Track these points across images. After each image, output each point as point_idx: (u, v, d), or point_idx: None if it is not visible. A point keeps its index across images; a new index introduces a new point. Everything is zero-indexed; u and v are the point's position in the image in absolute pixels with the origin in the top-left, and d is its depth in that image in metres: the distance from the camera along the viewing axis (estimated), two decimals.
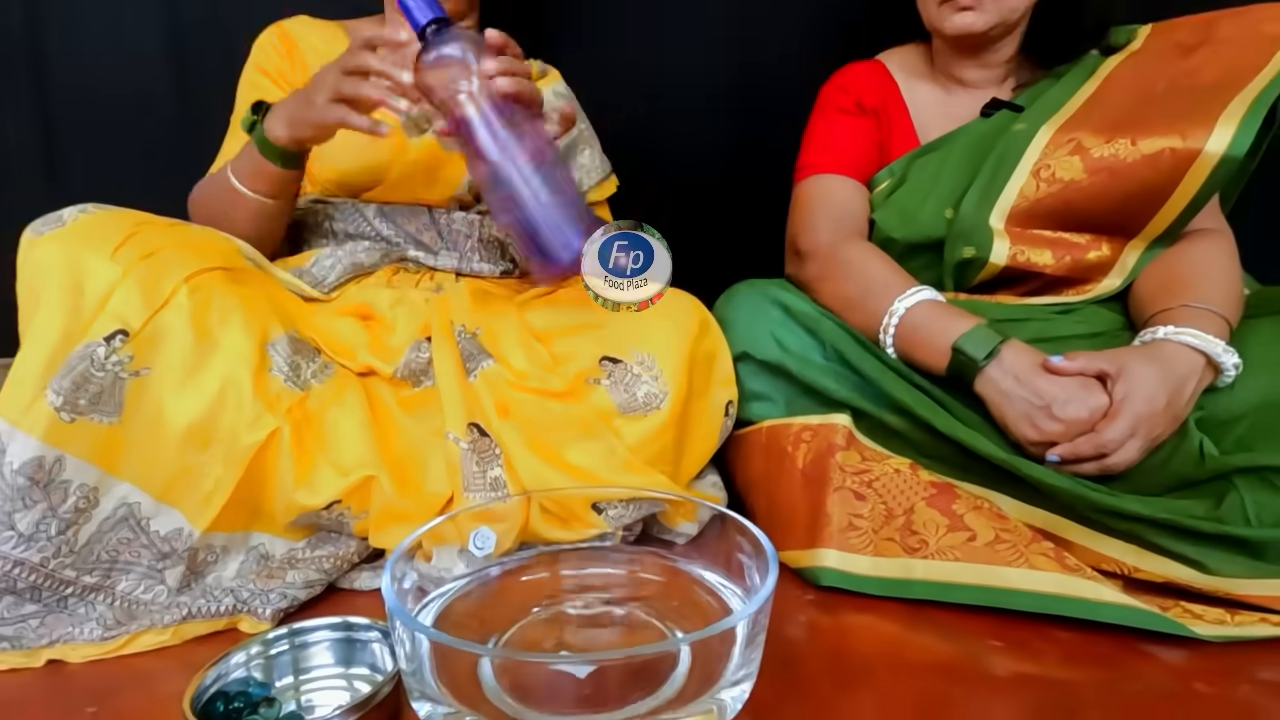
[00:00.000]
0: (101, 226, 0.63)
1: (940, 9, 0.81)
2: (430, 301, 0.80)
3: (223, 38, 1.08)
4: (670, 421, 0.70)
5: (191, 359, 0.62)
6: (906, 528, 0.67)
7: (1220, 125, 0.69)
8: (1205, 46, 0.77)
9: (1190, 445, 0.65)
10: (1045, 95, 0.83)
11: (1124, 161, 0.73)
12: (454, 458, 0.68)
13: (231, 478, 0.62)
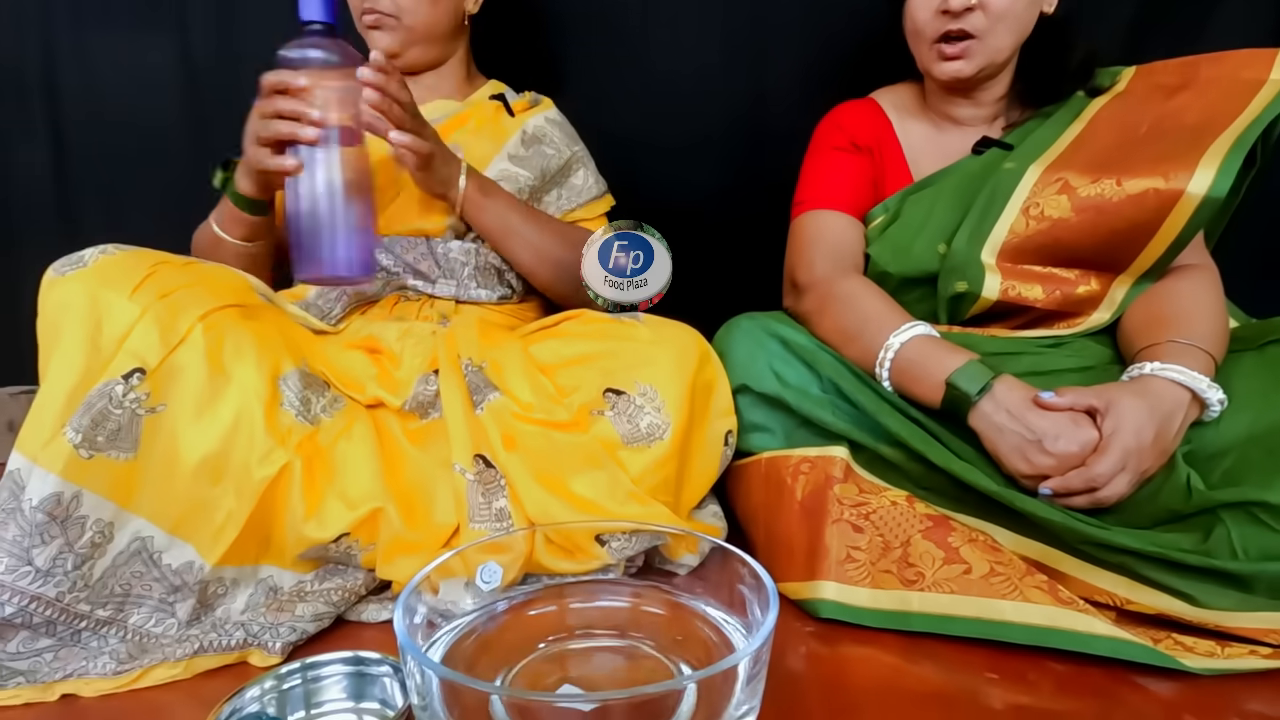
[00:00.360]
0: (121, 267, 0.65)
1: (931, 52, 0.84)
2: (437, 334, 0.82)
3: (234, 70, 1.11)
4: (672, 452, 0.72)
5: (206, 394, 0.64)
6: (904, 560, 0.68)
7: (1201, 167, 0.72)
8: (1187, 90, 0.80)
9: (1178, 479, 0.67)
10: (1034, 134, 0.86)
11: (1110, 201, 0.76)
12: (460, 489, 0.69)
13: (243, 511, 0.64)
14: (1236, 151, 0.71)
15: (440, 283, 0.90)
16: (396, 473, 0.71)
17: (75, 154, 1.15)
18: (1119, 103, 0.84)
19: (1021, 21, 0.81)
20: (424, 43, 0.92)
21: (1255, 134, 0.72)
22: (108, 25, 1.13)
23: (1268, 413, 0.68)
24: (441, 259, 0.89)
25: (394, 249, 0.88)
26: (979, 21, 0.80)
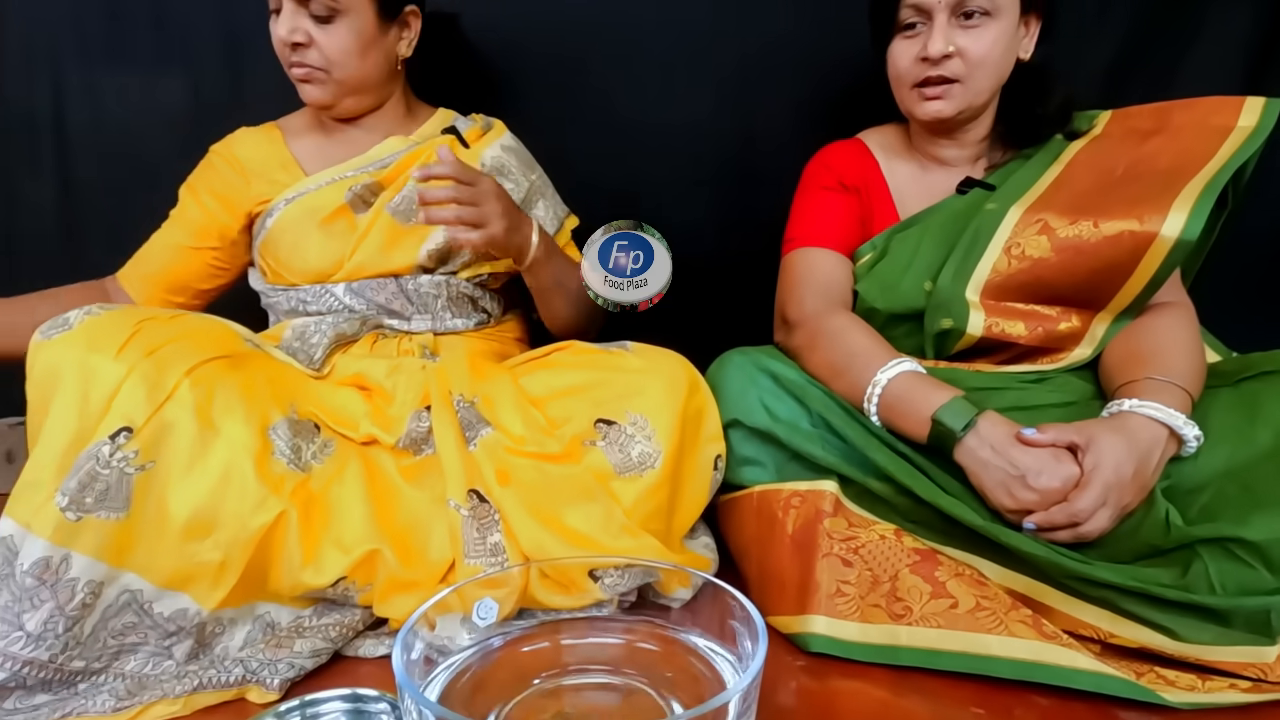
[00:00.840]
0: (106, 327, 0.66)
1: (912, 95, 0.87)
2: (427, 369, 0.83)
3: (241, 111, 1.13)
4: (664, 479, 0.73)
5: (195, 449, 0.64)
6: (892, 594, 0.69)
7: (1174, 211, 0.75)
8: (1160, 134, 0.83)
9: (1157, 514, 0.69)
10: (1015, 176, 0.89)
11: (1088, 242, 0.78)
12: (455, 524, 0.70)
13: (240, 561, 0.64)
14: (1207, 196, 0.74)
15: (416, 319, 0.91)
16: (390, 512, 0.71)
17: (81, 190, 1.17)
18: (1096, 146, 0.88)
19: (999, 67, 0.85)
20: (357, 93, 0.91)
21: (1224, 179, 0.75)
22: (117, 65, 1.15)
23: (1243, 449, 0.70)
24: (414, 295, 0.90)
25: (364, 293, 0.89)
26: (957, 68, 0.83)
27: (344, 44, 0.86)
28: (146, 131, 1.16)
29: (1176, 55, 1.12)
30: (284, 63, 0.88)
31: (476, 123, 1.00)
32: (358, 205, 0.89)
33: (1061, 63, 1.13)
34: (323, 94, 0.88)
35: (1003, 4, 0.82)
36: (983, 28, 0.82)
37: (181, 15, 1.12)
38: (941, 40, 0.82)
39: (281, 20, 0.84)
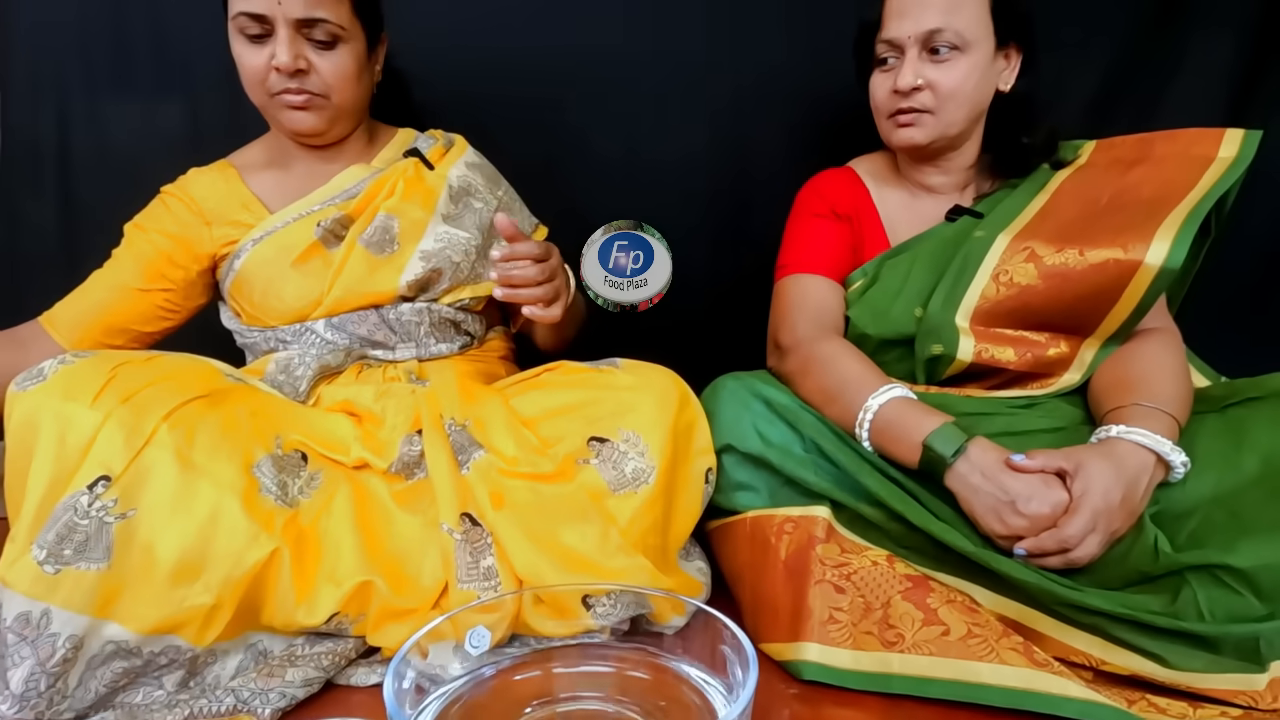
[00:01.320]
0: (81, 375, 0.65)
1: (887, 124, 0.89)
2: (417, 393, 0.83)
3: (241, 138, 1.15)
4: (658, 494, 0.73)
5: (178, 492, 0.63)
6: (884, 621, 0.69)
7: (1157, 239, 0.76)
8: (1143, 164, 0.85)
9: (1146, 540, 0.69)
10: (1002, 204, 0.90)
11: (1074, 269, 0.80)
12: (448, 548, 0.70)
13: (231, 600, 0.63)
14: (1189, 225, 0.76)
15: (400, 347, 0.90)
16: (382, 540, 0.71)
17: (83, 214, 1.18)
18: (1081, 175, 0.89)
19: (972, 99, 0.86)
20: (346, 118, 0.89)
21: (1206, 208, 0.77)
22: (121, 92, 1.17)
23: (1229, 475, 0.71)
24: (396, 325, 0.89)
25: (345, 327, 0.87)
26: (928, 100, 0.85)
27: (344, 69, 0.85)
28: (147, 157, 1.17)
29: (1160, 85, 1.15)
30: (263, 90, 0.84)
31: (438, 141, 0.98)
32: (329, 240, 0.87)
33: (1047, 92, 1.15)
34: (317, 121, 0.86)
35: (972, 38, 0.83)
36: (952, 62, 0.84)
37: (182, 44, 1.14)
38: (910, 74, 0.84)
39: (281, 46, 0.81)
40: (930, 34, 0.83)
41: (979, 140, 0.93)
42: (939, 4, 0.83)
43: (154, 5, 1.13)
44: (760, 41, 1.16)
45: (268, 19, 0.80)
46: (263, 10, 0.80)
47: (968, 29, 0.83)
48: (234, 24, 0.82)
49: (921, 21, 0.83)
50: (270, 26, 0.81)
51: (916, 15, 0.83)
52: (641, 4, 1.16)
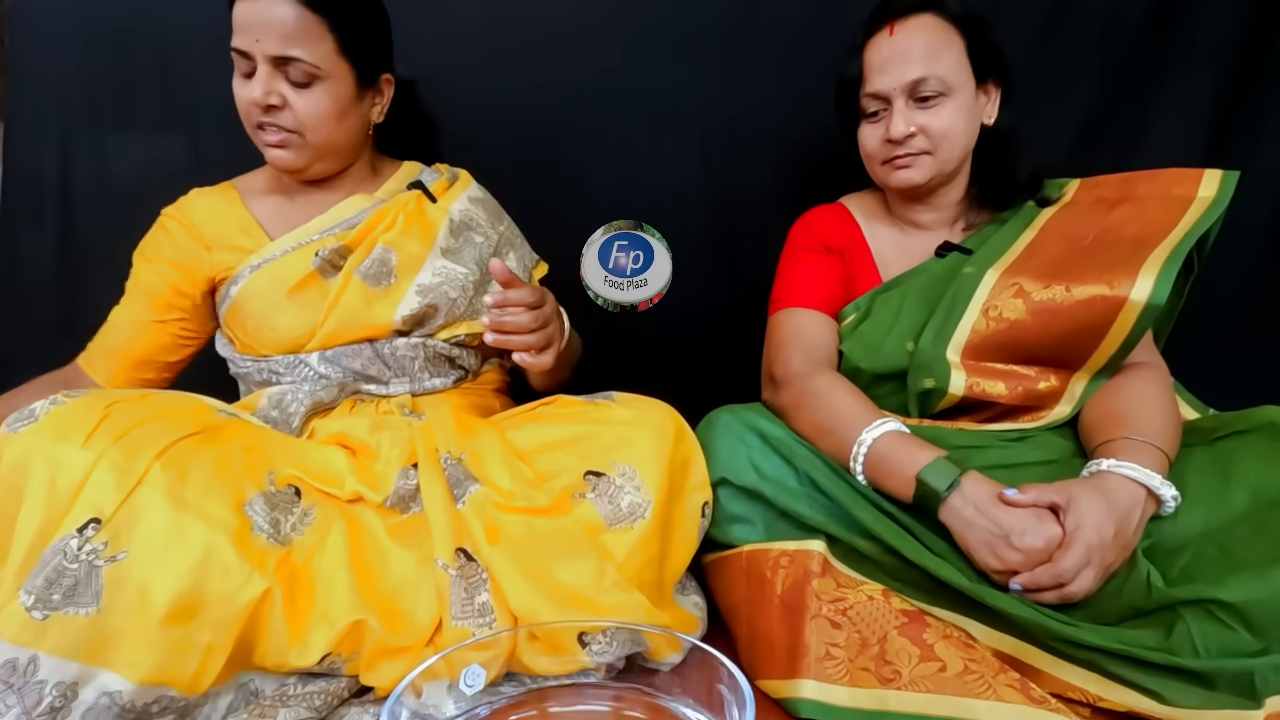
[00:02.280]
0: (73, 415, 0.64)
1: (882, 169, 0.92)
2: (412, 426, 0.82)
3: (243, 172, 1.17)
4: (655, 529, 0.73)
5: (170, 532, 0.62)
6: (880, 657, 0.69)
7: (1142, 276, 0.78)
8: (1126, 203, 0.87)
9: (1139, 575, 0.70)
10: (991, 240, 0.92)
11: (1062, 305, 0.81)
12: (442, 584, 0.70)
13: (226, 642, 0.62)
14: (1172, 262, 0.77)
15: (394, 382, 0.89)
16: (375, 577, 0.71)
17: (82, 248, 1.18)
18: (1066, 212, 0.91)
19: (964, 137, 0.89)
20: (328, 158, 0.89)
21: (1188, 247, 0.79)
22: (123, 125, 1.18)
23: (1219, 510, 0.71)
24: (390, 359, 0.88)
25: (339, 360, 0.87)
26: (923, 143, 0.88)
27: (320, 109, 0.84)
28: (149, 191, 1.17)
29: (1141, 124, 1.18)
30: (249, 123, 0.86)
31: (442, 175, 0.98)
32: (326, 270, 0.87)
33: (1032, 131, 1.19)
34: (294, 158, 0.86)
35: (955, 82, 0.86)
36: (940, 106, 0.86)
37: (185, 78, 1.16)
38: (902, 123, 0.86)
39: (256, 82, 0.82)
40: (915, 84, 0.86)
41: (966, 175, 0.95)
42: (920, 55, 0.86)
43: (158, 39, 1.14)
44: (749, 79, 1.19)
45: (250, 56, 0.82)
46: (244, 47, 0.82)
47: (949, 74, 0.86)
48: (232, 58, 0.84)
49: (905, 73, 0.86)
50: (251, 63, 0.82)
51: (899, 68, 0.86)
52: (635, 41, 1.18)
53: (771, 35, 1.17)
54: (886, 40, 0.88)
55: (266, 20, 0.81)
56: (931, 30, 0.87)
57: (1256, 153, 1.20)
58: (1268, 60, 1.18)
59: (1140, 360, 0.85)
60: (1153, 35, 1.17)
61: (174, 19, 1.14)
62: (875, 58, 0.88)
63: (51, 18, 1.13)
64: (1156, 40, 1.17)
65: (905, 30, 0.87)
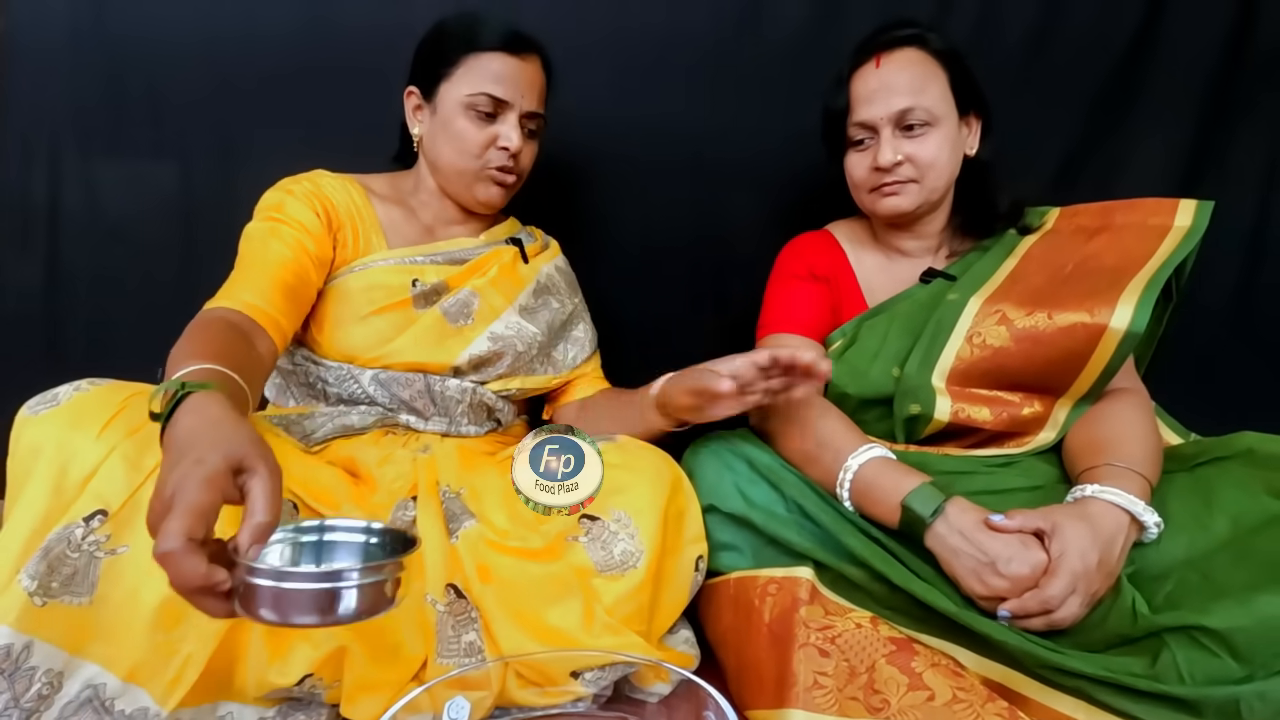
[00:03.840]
0: (92, 404, 0.64)
1: (869, 196, 0.93)
2: (417, 460, 0.83)
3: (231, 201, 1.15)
4: (647, 580, 0.73)
5: None
6: (869, 686, 0.69)
7: (1121, 304, 0.79)
8: (1104, 233, 0.89)
9: (1124, 602, 0.70)
10: (974, 267, 0.93)
11: (1044, 332, 0.82)
12: (430, 621, 0.69)
13: (203, 654, 0.62)
14: (1150, 291, 0.79)
15: (434, 419, 0.90)
16: None
17: (69, 276, 1.17)
18: (1046, 241, 0.93)
19: (949, 166, 0.91)
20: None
21: (1165, 275, 0.80)
22: (113, 152, 1.18)
23: (1201, 537, 0.72)
24: (438, 397, 0.89)
25: (390, 386, 0.87)
26: (909, 171, 0.90)
27: (534, 158, 0.96)
28: (137, 221, 1.18)
29: (1121, 156, 1.22)
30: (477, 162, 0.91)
31: (536, 238, 1.05)
32: (419, 301, 0.89)
33: (1015, 162, 1.22)
34: (505, 197, 0.95)
35: (940, 113, 0.89)
36: (926, 136, 0.89)
37: (178, 109, 1.16)
38: (890, 151, 0.88)
39: (513, 130, 0.90)
40: (902, 113, 0.88)
41: (950, 205, 0.97)
42: (906, 86, 0.88)
43: (150, 69, 1.15)
44: (740, 107, 1.20)
45: (507, 104, 0.90)
46: (507, 97, 0.89)
47: (935, 105, 0.88)
48: (468, 99, 0.89)
49: (892, 103, 0.88)
50: (502, 111, 0.90)
51: (886, 98, 0.89)
52: (627, 69, 1.20)
53: (764, 65, 1.19)
54: (873, 72, 0.90)
55: (530, 80, 0.91)
56: (917, 64, 0.90)
57: (1230, 184, 1.23)
58: (1240, 95, 1.22)
59: (1122, 386, 0.86)
60: (1130, 71, 1.21)
61: (165, 48, 1.15)
62: (863, 89, 0.91)
63: (43, 46, 1.14)
64: (1133, 76, 1.21)
65: (891, 63, 0.90)
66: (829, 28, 1.17)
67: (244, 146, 1.17)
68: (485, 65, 0.89)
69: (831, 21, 1.17)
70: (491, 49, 0.89)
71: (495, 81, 0.89)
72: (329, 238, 0.88)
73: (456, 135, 0.90)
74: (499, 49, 0.89)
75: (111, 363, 0.75)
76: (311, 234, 0.86)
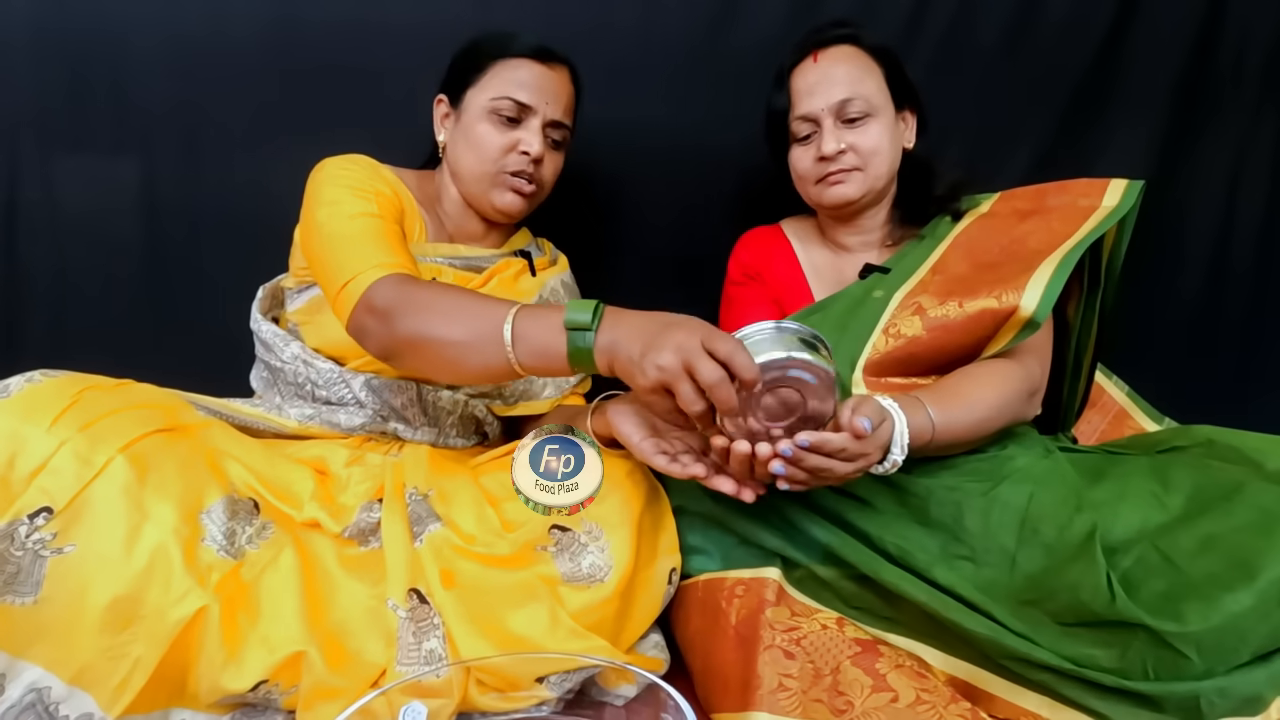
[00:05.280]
0: (44, 396, 0.63)
1: (815, 188, 0.94)
2: (385, 462, 0.81)
3: (194, 196, 1.13)
4: (614, 594, 0.71)
5: (121, 532, 0.61)
6: (834, 688, 0.69)
7: (1029, 289, 0.78)
8: (1036, 215, 0.88)
9: (1098, 577, 0.67)
10: (906, 259, 0.93)
11: (955, 320, 0.82)
12: (391, 626, 0.68)
13: (153, 658, 0.60)
14: (1060, 272, 0.78)
15: (422, 429, 0.88)
16: (323, 609, 0.69)
17: (27, 273, 1.14)
18: (981, 224, 0.92)
19: (890, 156, 0.93)
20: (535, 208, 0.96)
21: (1076, 256, 0.79)
22: (74, 149, 1.15)
23: (1157, 511, 0.73)
24: (430, 407, 0.87)
25: (382, 393, 0.85)
26: (853, 159, 0.90)
27: (558, 169, 0.95)
28: (98, 217, 1.15)
29: (1094, 154, 1.23)
30: (497, 167, 0.89)
31: (545, 252, 1.04)
32: None
33: (988, 162, 1.23)
34: (526, 207, 0.93)
35: (878, 105, 0.90)
36: (866, 126, 0.90)
37: (142, 104, 1.13)
38: (833, 141, 0.89)
39: (535, 137, 0.89)
40: (842, 104, 0.89)
41: (891, 200, 0.98)
42: (844, 78, 0.90)
43: (114, 63, 1.12)
44: (716, 102, 1.19)
45: (531, 109, 0.89)
46: (530, 102, 0.89)
47: (872, 96, 0.90)
48: (492, 103, 0.89)
49: (832, 94, 0.90)
50: (526, 116, 0.89)
51: (826, 90, 0.90)
52: (601, 65, 1.19)
53: (739, 59, 1.18)
54: (812, 67, 0.92)
55: (556, 90, 0.91)
56: (852, 58, 0.92)
57: (1200, 180, 1.24)
58: (1209, 93, 1.24)
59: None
60: (1103, 70, 1.22)
61: (129, 44, 1.12)
62: (802, 83, 0.92)
63: (2, 40, 1.11)
64: (1106, 75, 1.22)
65: (828, 58, 0.92)
66: (806, 26, 1.16)
67: (209, 144, 1.15)
68: (512, 71, 0.89)
69: (808, 19, 1.17)
70: (519, 56, 0.89)
71: (520, 86, 0.89)
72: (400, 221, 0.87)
73: (478, 139, 0.89)
74: (527, 56, 0.89)
75: (71, 360, 0.73)
76: (392, 204, 0.86)
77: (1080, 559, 0.69)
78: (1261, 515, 0.67)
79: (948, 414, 0.75)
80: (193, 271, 1.15)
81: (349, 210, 0.80)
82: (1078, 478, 0.79)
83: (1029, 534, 0.73)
